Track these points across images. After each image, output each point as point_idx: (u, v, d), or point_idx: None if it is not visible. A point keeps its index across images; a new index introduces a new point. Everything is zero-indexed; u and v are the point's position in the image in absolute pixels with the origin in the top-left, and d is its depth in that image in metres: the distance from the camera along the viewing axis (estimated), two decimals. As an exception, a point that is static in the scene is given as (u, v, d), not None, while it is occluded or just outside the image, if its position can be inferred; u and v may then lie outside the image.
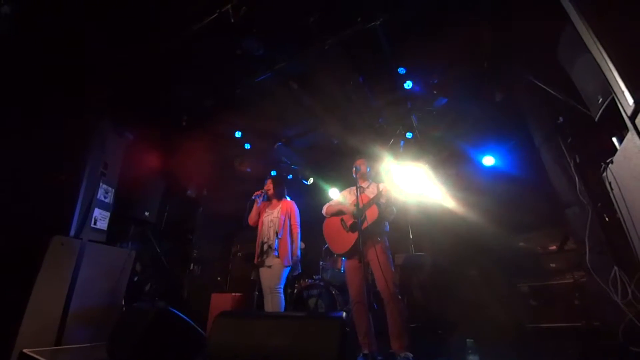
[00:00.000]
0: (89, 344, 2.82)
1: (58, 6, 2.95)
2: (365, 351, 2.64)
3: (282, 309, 3.19)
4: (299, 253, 3.39)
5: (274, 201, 3.61)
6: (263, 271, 3.33)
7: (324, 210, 3.25)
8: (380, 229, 2.92)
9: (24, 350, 2.35)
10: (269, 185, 3.63)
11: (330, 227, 3.14)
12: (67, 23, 3.06)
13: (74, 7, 2.98)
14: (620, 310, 2.20)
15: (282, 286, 3.22)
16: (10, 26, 2.80)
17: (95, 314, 2.98)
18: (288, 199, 3.60)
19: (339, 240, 3.00)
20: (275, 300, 3.15)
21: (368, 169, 3.22)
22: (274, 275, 3.21)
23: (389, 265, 2.77)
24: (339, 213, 3.12)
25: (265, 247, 3.33)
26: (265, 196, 3.66)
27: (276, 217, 3.43)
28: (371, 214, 2.84)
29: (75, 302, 2.82)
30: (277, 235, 3.31)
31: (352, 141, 4.80)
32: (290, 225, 3.42)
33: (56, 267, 2.75)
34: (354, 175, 3.01)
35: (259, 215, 3.58)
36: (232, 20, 3.05)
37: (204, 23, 3.20)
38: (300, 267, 3.43)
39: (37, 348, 2.44)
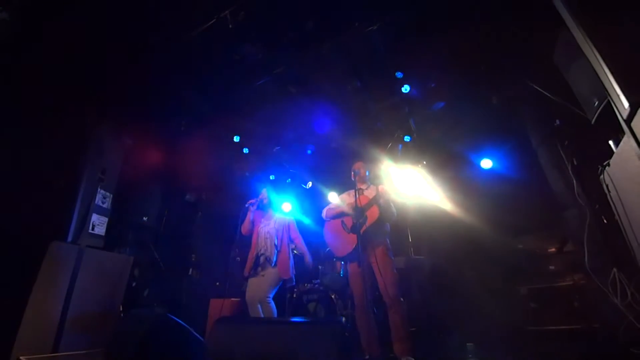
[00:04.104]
0: (86, 351, 2.79)
1: (56, 11, 2.96)
2: (367, 356, 2.62)
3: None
4: (311, 260, 3.38)
5: (270, 211, 3.58)
6: (253, 280, 3.26)
7: (324, 213, 3.23)
8: (380, 230, 2.89)
9: (21, 358, 2.33)
10: (263, 194, 3.60)
11: (331, 230, 3.12)
12: (65, 28, 3.07)
13: (72, 12, 2.99)
14: (619, 311, 2.20)
15: (272, 296, 3.16)
16: (8, 31, 2.80)
17: (93, 320, 2.95)
18: (284, 212, 3.57)
19: (340, 242, 2.98)
20: (267, 310, 3.10)
21: (367, 172, 3.20)
22: (265, 283, 3.16)
23: (390, 268, 2.74)
24: (339, 215, 3.11)
25: (262, 259, 3.26)
26: (261, 205, 3.61)
27: (272, 228, 3.39)
28: (371, 215, 2.83)
29: (72, 309, 2.79)
30: (276, 248, 3.26)
31: (350, 145, 4.81)
32: (291, 239, 3.39)
33: (54, 273, 2.73)
34: (353, 179, 3.02)
35: (254, 224, 3.52)
36: (231, 26, 3.07)
37: (203, 28, 3.22)
38: (294, 280, 3.40)
39: (34, 355, 2.42)
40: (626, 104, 1.36)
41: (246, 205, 3.58)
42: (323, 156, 5.57)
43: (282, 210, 3.66)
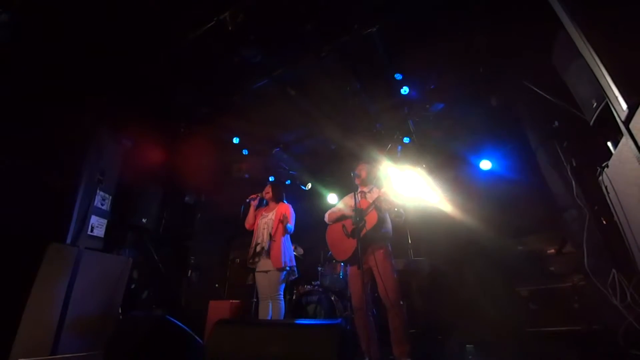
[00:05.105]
0: (85, 353, 2.79)
1: (55, 14, 2.96)
2: (366, 359, 2.61)
3: (283, 316, 3.18)
4: (292, 255, 3.37)
5: (272, 204, 3.62)
6: (260, 277, 3.31)
7: (326, 217, 3.22)
8: (380, 234, 2.85)
9: (19, 360, 2.32)
10: (267, 190, 3.62)
11: (333, 234, 3.12)
12: (65, 30, 3.08)
13: (72, 14, 2.99)
14: (619, 313, 2.20)
15: (282, 292, 3.21)
16: (8, 33, 2.81)
17: (91, 323, 2.94)
18: (285, 202, 3.60)
19: (341, 246, 2.97)
20: (276, 308, 3.14)
21: (368, 174, 3.19)
22: (272, 282, 3.19)
23: (390, 272, 2.72)
24: (341, 219, 3.10)
25: (258, 248, 3.33)
26: (263, 201, 3.66)
27: (271, 219, 3.43)
28: (370, 220, 2.81)
29: (71, 311, 2.78)
30: (270, 238, 3.30)
31: (350, 146, 4.81)
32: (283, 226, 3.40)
33: (52, 275, 2.72)
34: (355, 181, 3.01)
35: (256, 218, 3.57)
36: (230, 28, 3.08)
37: (202, 30, 3.23)
38: (297, 272, 3.41)
39: (33, 357, 2.41)
40: (624, 106, 1.36)
41: (247, 201, 3.60)
42: (322, 157, 5.57)
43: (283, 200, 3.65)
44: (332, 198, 5.30)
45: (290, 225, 3.40)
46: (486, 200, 4.23)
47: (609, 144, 1.91)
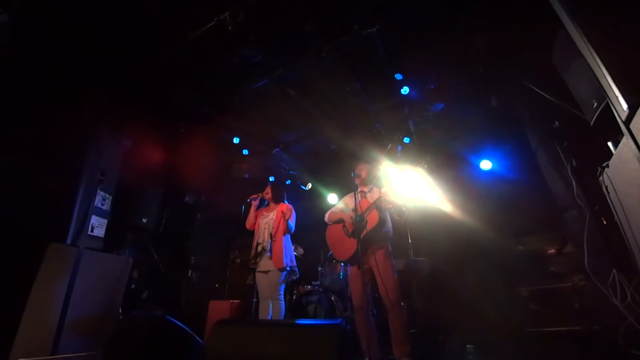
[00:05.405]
0: (85, 353, 2.78)
1: (55, 14, 2.96)
2: (366, 359, 2.61)
3: (283, 316, 3.18)
4: (293, 255, 3.38)
5: (272, 204, 3.62)
6: (260, 277, 3.31)
7: (326, 217, 3.22)
8: (381, 234, 2.85)
9: (19, 360, 2.32)
10: (267, 190, 3.62)
11: (333, 234, 3.12)
12: (64, 30, 3.08)
13: (72, 14, 2.99)
14: (619, 313, 2.20)
15: (282, 292, 3.22)
16: (8, 33, 2.81)
17: (92, 323, 2.94)
18: (286, 202, 3.60)
19: (341, 247, 2.97)
20: (276, 308, 3.15)
21: (368, 174, 3.18)
22: (272, 282, 3.20)
23: (390, 272, 2.71)
24: (341, 219, 3.09)
25: (259, 248, 3.34)
26: (264, 201, 3.67)
27: (272, 219, 3.44)
28: (371, 220, 2.81)
29: (71, 311, 2.78)
30: (271, 237, 3.31)
31: (350, 146, 4.81)
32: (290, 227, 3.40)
33: (53, 275, 2.72)
34: (355, 181, 3.01)
35: (257, 218, 3.58)
36: (230, 28, 3.08)
37: (203, 30, 3.23)
38: (298, 273, 3.42)
39: (33, 357, 2.41)
40: (625, 106, 1.36)
41: (248, 200, 3.61)
42: (322, 157, 5.57)
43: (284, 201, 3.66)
44: (332, 198, 5.30)
45: (292, 223, 3.40)
46: (486, 200, 4.23)
47: (609, 144, 1.91)
